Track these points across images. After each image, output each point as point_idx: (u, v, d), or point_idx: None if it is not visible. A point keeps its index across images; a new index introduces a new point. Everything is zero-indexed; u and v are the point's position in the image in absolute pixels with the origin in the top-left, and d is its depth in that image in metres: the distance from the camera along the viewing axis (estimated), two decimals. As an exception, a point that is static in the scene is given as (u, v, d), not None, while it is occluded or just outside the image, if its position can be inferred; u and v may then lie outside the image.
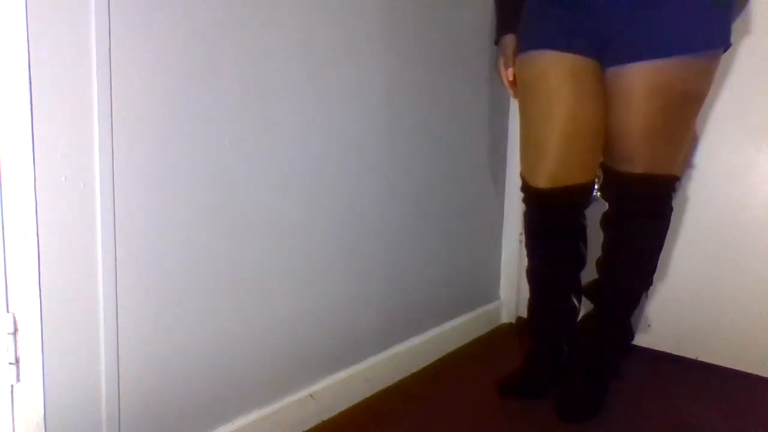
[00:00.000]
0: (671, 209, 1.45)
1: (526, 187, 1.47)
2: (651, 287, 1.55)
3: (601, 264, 1.50)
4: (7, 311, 0.85)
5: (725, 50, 1.32)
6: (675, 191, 1.43)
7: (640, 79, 1.28)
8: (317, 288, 1.32)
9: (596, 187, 1.47)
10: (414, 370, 1.64)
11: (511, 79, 1.51)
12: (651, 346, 1.81)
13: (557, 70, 1.34)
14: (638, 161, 1.34)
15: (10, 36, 0.80)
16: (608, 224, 1.47)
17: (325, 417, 1.36)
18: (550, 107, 1.35)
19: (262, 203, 1.17)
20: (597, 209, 1.50)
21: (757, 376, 1.65)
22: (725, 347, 1.69)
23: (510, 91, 1.55)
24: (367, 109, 1.39)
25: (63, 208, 0.87)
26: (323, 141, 1.28)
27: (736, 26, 1.59)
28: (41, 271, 0.85)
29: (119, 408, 0.98)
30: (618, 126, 1.34)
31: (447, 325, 1.78)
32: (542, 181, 1.39)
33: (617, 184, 1.41)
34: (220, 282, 1.11)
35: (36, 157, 0.83)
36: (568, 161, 1.36)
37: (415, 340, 1.65)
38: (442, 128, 1.65)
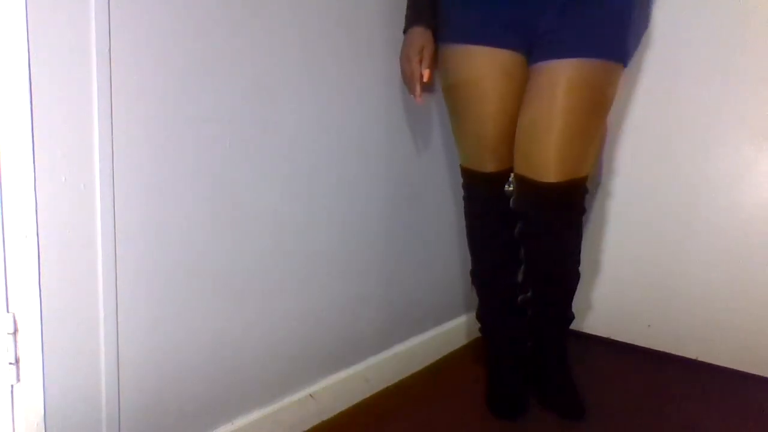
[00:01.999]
0: (584, 210, 1.43)
1: (472, 175, 1.45)
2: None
3: (527, 276, 1.47)
4: (7, 311, 0.85)
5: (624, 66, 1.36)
6: (587, 191, 1.42)
7: (565, 75, 1.27)
8: (317, 288, 1.32)
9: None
10: (414, 370, 1.64)
11: (426, 80, 1.35)
12: (651, 346, 1.81)
13: (492, 69, 1.33)
14: (555, 164, 1.29)
15: (10, 36, 0.79)
16: (526, 238, 1.42)
17: (325, 417, 1.36)
18: (484, 106, 1.35)
19: (262, 203, 1.17)
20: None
21: (757, 376, 1.65)
22: (725, 347, 1.69)
23: (417, 93, 1.35)
24: (368, 109, 1.39)
25: (63, 208, 0.87)
26: (323, 141, 1.28)
27: (732, 26, 1.59)
28: (41, 271, 0.85)
29: (119, 408, 0.98)
30: (539, 121, 1.29)
31: (447, 325, 1.78)
32: (491, 167, 1.40)
33: (534, 194, 1.34)
34: (220, 282, 1.11)
35: (36, 157, 0.83)
36: (508, 149, 1.37)
37: (415, 340, 1.65)
38: (442, 127, 1.64)
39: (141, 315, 0.99)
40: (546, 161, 1.30)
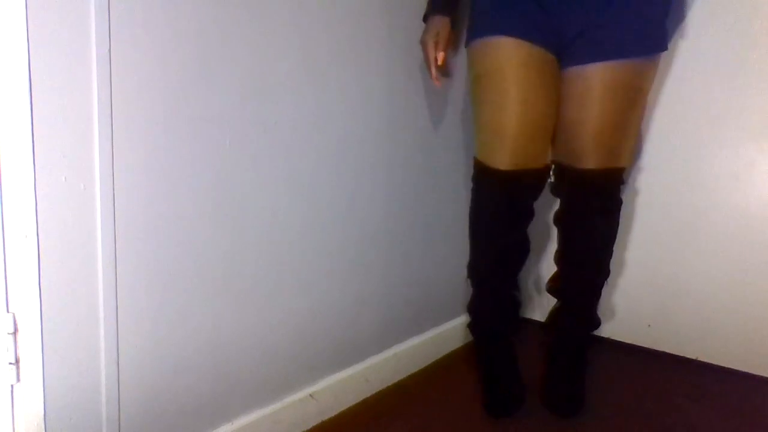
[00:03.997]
0: (621, 201, 1.48)
1: (484, 171, 1.42)
2: (611, 277, 1.57)
3: (559, 259, 1.54)
4: (7, 311, 0.85)
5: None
6: (624, 183, 1.47)
7: (599, 78, 1.32)
8: (317, 288, 1.32)
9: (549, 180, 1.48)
10: (414, 370, 1.64)
11: (440, 63, 1.41)
12: (651, 346, 1.81)
13: (513, 59, 1.33)
14: (592, 157, 1.37)
15: (10, 36, 0.79)
16: (562, 221, 1.50)
17: (325, 417, 1.36)
18: (506, 97, 1.34)
19: (262, 203, 1.17)
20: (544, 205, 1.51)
21: (757, 376, 1.65)
22: (725, 347, 1.69)
23: (433, 75, 1.43)
24: (368, 109, 1.39)
25: (63, 208, 0.87)
26: (323, 141, 1.28)
27: (732, 27, 1.59)
28: (41, 271, 0.85)
29: (119, 408, 0.98)
30: (575, 124, 1.37)
31: (447, 326, 1.78)
32: (504, 164, 1.37)
33: (571, 180, 1.43)
34: (220, 281, 1.11)
35: (36, 157, 0.83)
36: (526, 147, 1.36)
37: (415, 341, 1.65)
38: (444, 126, 1.64)
39: (141, 315, 0.99)
40: (585, 150, 1.37)
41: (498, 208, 1.44)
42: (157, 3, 0.95)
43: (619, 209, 1.48)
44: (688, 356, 1.75)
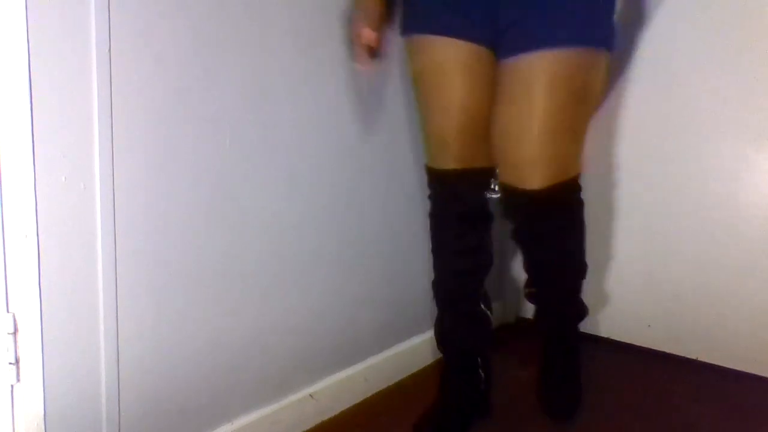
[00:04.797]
0: (581, 204, 1.36)
1: (433, 175, 1.36)
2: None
3: (527, 270, 1.44)
4: (7, 311, 0.85)
5: (609, 51, 1.24)
6: (581, 189, 1.33)
7: (541, 70, 1.16)
8: (317, 288, 1.32)
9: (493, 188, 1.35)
10: (414, 370, 1.64)
11: (373, 44, 1.26)
12: (651, 346, 1.80)
13: (450, 61, 1.23)
14: (537, 171, 1.20)
15: (10, 36, 0.79)
16: (518, 241, 1.39)
17: (325, 417, 1.36)
18: (444, 99, 1.26)
19: (262, 203, 1.17)
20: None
21: (757, 376, 1.65)
22: (725, 347, 1.69)
23: (359, 57, 1.28)
24: (368, 109, 1.39)
25: (63, 208, 0.87)
26: (323, 141, 1.28)
27: (723, 26, 1.59)
28: (41, 271, 0.85)
29: (119, 408, 0.98)
30: (517, 125, 1.20)
31: (447, 325, 1.77)
32: (449, 164, 1.30)
33: (517, 204, 1.28)
34: (220, 282, 1.11)
35: (36, 157, 0.83)
36: (469, 148, 1.28)
37: (415, 340, 1.65)
38: (442, 128, 1.64)
39: (141, 315, 0.99)
40: (527, 166, 1.20)
41: (450, 211, 1.35)
42: (157, 3, 0.95)
43: (581, 216, 1.36)
44: (688, 356, 1.75)
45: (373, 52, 1.29)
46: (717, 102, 1.64)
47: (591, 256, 1.50)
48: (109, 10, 0.88)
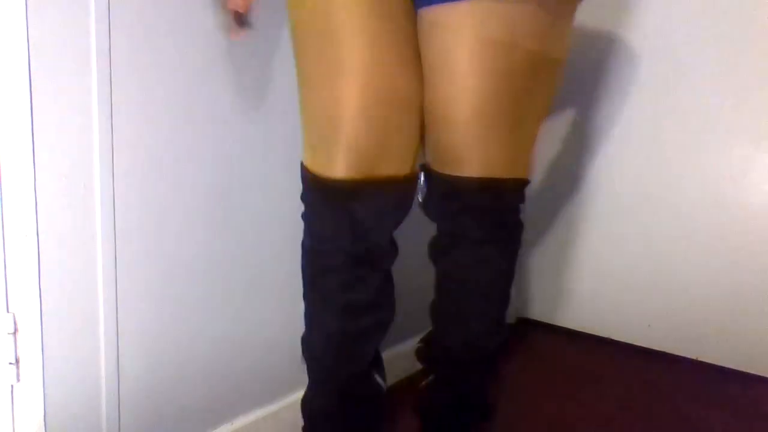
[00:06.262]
0: (521, 226, 1.01)
1: (313, 183, 0.91)
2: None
3: (434, 312, 1.11)
4: (7, 311, 0.85)
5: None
6: (523, 201, 0.98)
7: (468, 28, 0.82)
8: (317, 288, 1.32)
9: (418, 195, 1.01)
10: (414, 370, 1.64)
11: (241, 9, 0.95)
12: (651, 346, 1.81)
13: (348, 5, 0.83)
14: (472, 158, 0.89)
15: (10, 36, 0.79)
16: (439, 253, 1.04)
17: (325, 417, 1.36)
18: (339, 53, 0.84)
19: (263, 204, 1.17)
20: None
21: (757, 376, 1.65)
22: (725, 347, 1.69)
23: (232, 25, 0.97)
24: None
25: (63, 208, 0.87)
26: (323, 141, 1.28)
27: (733, 23, 1.59)
28: (41, 271, 0.85)
29: (119, 408, 0.98)
30: (441, 100, 0.88)
31: (447, 325, 1.77)
32: (340, 168, 0.86)
33: (445, 194, 0.95)
34: (220, 281, 1.11)
35: (36, 157, 0.83)
36: (377, 138, 0.86)
37: (416, 340, 1.64)
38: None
39: (141, 315, 0.99)
40: (458, 145, 0.89)
41: (338, 247, 0.92)
42: (158, 3, 0.95)
43: (517, 239, 1.01)
44: (688, 356, 1.75)
45: (244, 20, 0.99)
46: (717, 102, 1.64)
47: (591, 256, 1.50)
48: (109, 11, 0.88)
